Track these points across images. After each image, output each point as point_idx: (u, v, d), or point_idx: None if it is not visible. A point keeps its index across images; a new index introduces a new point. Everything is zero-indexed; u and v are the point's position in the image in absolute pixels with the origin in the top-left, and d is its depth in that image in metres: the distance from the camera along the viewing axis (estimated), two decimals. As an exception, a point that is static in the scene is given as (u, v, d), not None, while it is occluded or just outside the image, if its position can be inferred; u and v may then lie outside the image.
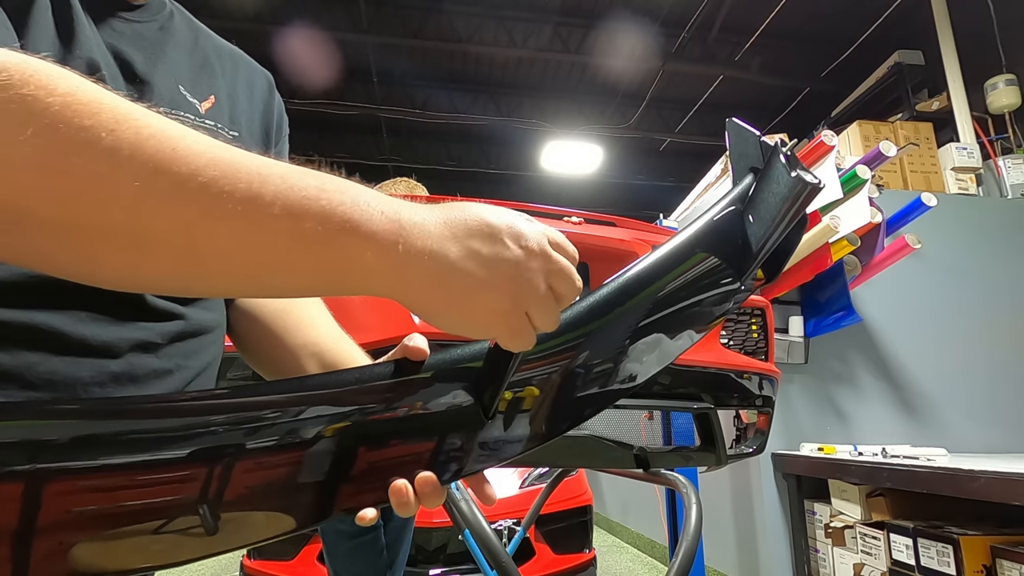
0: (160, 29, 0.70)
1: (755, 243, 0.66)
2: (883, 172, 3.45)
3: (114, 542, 0.44)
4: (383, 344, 1.36)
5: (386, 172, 7.12)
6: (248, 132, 0.75)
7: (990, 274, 3.29)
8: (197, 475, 0.46)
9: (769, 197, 0.64)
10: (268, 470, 0.49)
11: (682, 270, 0.65)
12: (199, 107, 0.69)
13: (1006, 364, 3.19)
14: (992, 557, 1.96)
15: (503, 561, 1.49)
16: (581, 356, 0.61)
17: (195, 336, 0.67)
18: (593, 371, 0.63)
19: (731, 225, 0.67)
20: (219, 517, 0.47)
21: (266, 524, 0.50)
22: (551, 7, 5.27)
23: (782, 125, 6.07)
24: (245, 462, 0.48)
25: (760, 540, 2.97)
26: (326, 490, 0.51)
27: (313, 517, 0.52)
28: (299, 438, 0.50)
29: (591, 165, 7.22)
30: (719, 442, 1.55)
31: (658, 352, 0.66)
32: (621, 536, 5.22)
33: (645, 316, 0.64)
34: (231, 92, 0.75)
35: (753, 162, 0.70)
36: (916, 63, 4.62)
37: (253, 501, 0.49)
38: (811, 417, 2.99)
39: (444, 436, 0.56)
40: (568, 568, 2.80)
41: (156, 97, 0.65)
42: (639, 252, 1.62)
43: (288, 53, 5.41)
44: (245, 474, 0.48)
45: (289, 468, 0.50)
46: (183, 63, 0.70)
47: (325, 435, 0.51)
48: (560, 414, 0.63)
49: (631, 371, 0.65)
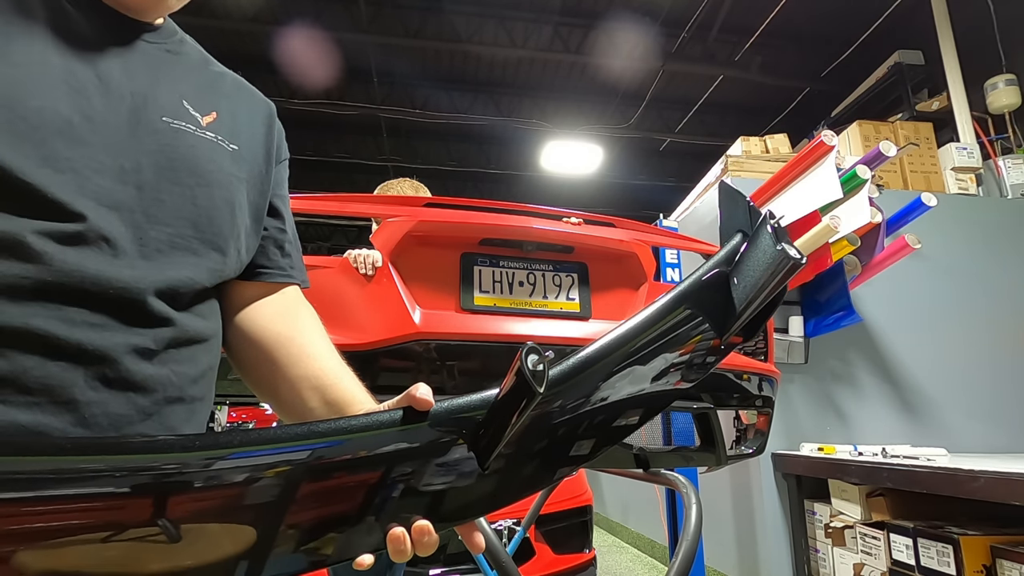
0: (169, 52, 0.73)
1: (738, 304, 0.70)
2: (883, 172, 3.45)
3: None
4: (382, 344, 1.36)
5: (386, 172, 7.12)
6: (248, 149, 0.76)
7: (990, 274, 3.29)
8: (206, 526, 0.48)
9: (754, 264, 0.68)
10: (270, 517, 0.50)
11: (666, 322, 0.68)
12: (200, 120, 0.71)
13: (1006, 364, 3.19)
14: (992, 557, 1.96)
15: (503, 561, 1.49)
16: (575, 407, 0.62)
17: (188, 344, 0.67)
18: (585, 421, 0.64)
19: (716, 285, 0.71)
20: (235, 567, 0.49)
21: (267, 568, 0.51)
22: (551, 7, 5.27)
23: (782, 125, 6.07)
24: (246, 510, 0.50)
25: (760, 540, 2.97)
26: (324, 535, 0.53)
27: (311, 565, 0.53)
28: (305, 484, 0.51)
29: (591, 165, 7.21)
30: (719, 442, 1.56)
31: (648, 399, 0.69)
32: (621, 536, 5.22)
33: (633, 365, 0.66)
34: (233, 111, 0.77)
35: (741, 224, 0.75)
36: (916, 63, 4.62)
37: (255, 546, 0.50)
38: (811, 417, 2.99)
39: (442, 485, 0.57)
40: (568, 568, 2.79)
41: (158, 108, 0.67)
42: (638, 252, 1.62)
43: (288, 53, 5.41)
44: (244, 521, 0.50)
45: (292, 514, 0.51)
46: (188, 81, 0.73)
47: (329, 482, 0.52)
48: (553, 464, 0.64)
49: (623, 419, 0.67)
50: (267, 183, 0.79)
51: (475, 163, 7.43)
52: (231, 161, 0.73)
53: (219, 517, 0.49)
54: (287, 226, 0.84)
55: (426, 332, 1.37)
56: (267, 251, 0.81)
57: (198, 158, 0.69)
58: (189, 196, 0.67)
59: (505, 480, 0.60)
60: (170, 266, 0.64)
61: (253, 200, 0.76)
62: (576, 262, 1.57)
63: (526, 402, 0.52)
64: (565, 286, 1.54)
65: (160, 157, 0.65)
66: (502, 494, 0.61)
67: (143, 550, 0.46)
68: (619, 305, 1.58)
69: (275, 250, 0.81)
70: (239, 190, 0.73)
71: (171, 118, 0.68)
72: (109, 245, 0.59)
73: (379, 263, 1.40)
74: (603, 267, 1.59)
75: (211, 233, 0.69)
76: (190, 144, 0.68)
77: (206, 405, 0.71)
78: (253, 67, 5.38)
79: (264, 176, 0.79)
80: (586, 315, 1.53)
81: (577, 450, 0.65)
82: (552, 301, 1.52)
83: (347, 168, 7.42)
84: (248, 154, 0.76)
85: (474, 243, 1.50)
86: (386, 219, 1.48)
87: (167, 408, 0.64)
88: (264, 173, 0.79)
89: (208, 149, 0.70)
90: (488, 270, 1.49)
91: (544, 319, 1.49)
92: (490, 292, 1.48)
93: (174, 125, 0.68)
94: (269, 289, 0.81)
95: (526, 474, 0.62)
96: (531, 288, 1.51)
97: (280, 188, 0.84)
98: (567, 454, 0.65)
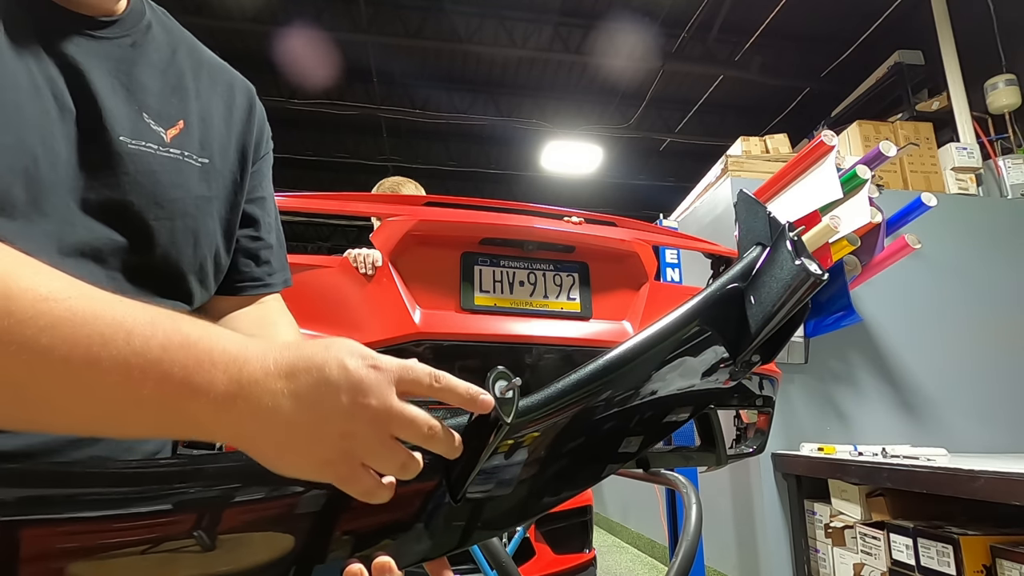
0: (132, 46, 0.66)
1: (754, 325, 0.65)
2: (883, 172, 3.45)
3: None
4: (382, 344, 1.36)
5: (386, 172, 7.11)
6: (221, 157, 0.71)
7: (990, 274, 3.29)
8: (164, 546, 0.46)
9: (772, 282, 0.63)
10: (227, 552, 0.47)
11: (676, 339, 0.63)
12: (164, 136, 0.65)
13: (1006, 364, 3.19)
14: (992, 557, 1.96)
15: (503, 561, 1.49)
16: (566, 431, 0.57)
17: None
18: (579, 447, 0.59)
19: (731, 302, 0.66)
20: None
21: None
22: (551, 7, 5.27)
23: (782, 125, 6.07)
24: (201, 546, 0.47)
25: (760, 540, 2.97)
26: (280, 571, 0.48)
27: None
28: (250, 512, 0.48)
29: (591, 165, 7.22)
30: (719, 442, 1.55)
31: (652, 423, 0.64)
32: (621, 536, 5.22)
33: (634, 386, 0.61)
34: (204, 114, 0.71)
35: (760, 237, 0.69)
36: (916, 63, 4.62)
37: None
38: (811, 417, 2.99)
39: (407, 517, 0.52)
40: (568, 568, 2.79)
41: (117, 126, 0.61)
42: (639, 252, 1.62)
43: (288, 53, 5.41)
44: (200, 551, 0.47)
45: (245, 549, 0.48)
46: (152, 86, 0.66)
47: (279, 514, 0.49)
48: (538, 496, 0.59)
49: (620, 446, 0.62)
50: (241, 192, 0.74)
51: (475, 163, 7.44)
52: (199, 179, 0.67)
53: (163, 556, 0.46)
54: (262, 232, 0.79)
55: (426, 332, 1.37)
56: (238, 263, 0.77)
57: (159, 184, 0.63)
58: (145, 234, 0.62)
59: (480, 514, 0.55)
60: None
61: (224, 216, 0.72)
62: (577, 262, 1.57)
63: (495, 432, 0.48)
64: (566, 286, 1.54)
65: (114, 190, 0.60)
66: (476, 530, 0.55)
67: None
68: (620, 305, 1.58)
69: (247, 261, 0.78)
70: (207, 213, 0.68)
71: (129, 138, 0.61)
72: None
73: (379, 263, 1.40)
74: (604, 267, 1.59)
75: (166, 273, 0.65)
76: (150, 169, 0.62)
77: None
78: (253, 67, 5.38)
79: (238, 185, 0.74)
80: (587, 315, 1.53)
81: (565, 480, 0.59)
82: (553, 301, 1.52)
83: (347, 168, 7.42)
84: (221, 163, 0.71)
85: (474, 243, 1.50)
86: (386, 218, 1.48)
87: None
88: (238, 181, 0.74)
89: (172, 172, 0.64)
90: (488, 270, 1.49)
91: (545, 319, 1.49)
92: (490, 292, 1.48)
93: (132, 147, 0.61)
94: (243, 301, 0.78)
95: (504, 507, 0.56)
96: (532, 288, 1.51)
97: (258, 190, 0.79)
98: (554, 484, 0.59)
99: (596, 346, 1.52)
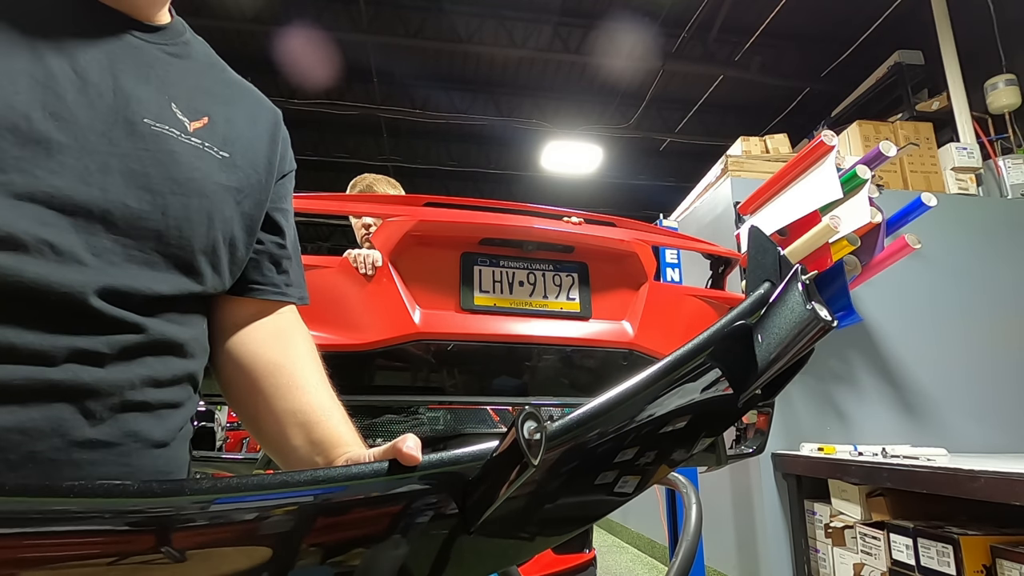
0: (169, 54, 0.70)
1: (760, 363, 0.64)
2: (883, 172, 3.45)
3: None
4: (382, 344, 1.36)
5: (386, 172, 7.07)
6: (243, 157, 0.73)
7: (990, 274, 3.29)
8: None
9: (781, 322, 0.63)
10: (238, 568, 0.47)
11: (681, 372, 0.63)
12: (187, 125, 0.67)
13: (1006, 364, 3.19)
14: (992, 557, 1.96)
15: (503, 561, 1.49)
16: (579, 463, 0.57)
17: (158, 352, 0.64)
18: (592, 479, 0.59)
19: (738, 339, 0.66)
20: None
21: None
22: (551, 7, 5.27)
23: (782, 125, 6.07)
24: (206, 562, 0.46)
25: (760, 540, 2.96)
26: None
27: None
28: (278, 537, 0.48)
29: (591, 165, 7.21)
30: (719, 442, 1.55)
31: (659, 456, 0.64)
32: (621, 536, 5.22)
33: (642, 417, 0.61)
34: (229, 117, 0.73)
35: (769, 274, 0.70)
36: (916, 63, 4.62)
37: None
38: (811, 417, 2.99)
39: (422, 546, 0.53)
40: (568, 568, 2.79)
41: (143, 109, 0.64)
42: (639, 252, 1.62)
43: (288, 53, 5.41)
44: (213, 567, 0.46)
45: (257, 566, 0.47)
46: (183, 85, 0.70)
47: (306, 537, 0.49)
48: (552, 526, 0.59)
49: (630, 478, 0.62)
50: (265, 194, 0.75)
51: (475, 163, 7.44)
52: (219, 169, 0.69)
53: (180, 567, 0.45)
54: (287, 242, 0.80)
55: (426, 332, 1.37)
56: (261, 266, 0.77)
57: (177, 164, 0.65)
58: (159, 205, 0.63)
59: (493, 543, 0.56)
60: (123, 275, 0.60)
61: (247, 211, 0.72)
62: (576, 262, 1.57)
63: (518, 471, 0.49)
64: (565, 286, 1.54)
65: (133, 161, 0.61)
66: (488, 559, 0.56)
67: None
68: (619, 305, 1.58)
69: (270, 266, 0.78)
70: (224, 200, 0.69)
71: (154, 120, 0.64)
72: (53, 251, 0.55)
73: (379, 263, 1.40)
74: (603, 267, 1.59)
75: (177, 247, 0.65)
76: (170, 150, 0.65)
77: (183, 412, 0.68)
78: (253, 67, 5.38)
79: (263, 186, 0.75)
80: (586, 315, 1.53)
81: (577, 513, 0.60)
82: (552, 301, 1.52)
83: (347, 168, 7.41)
84: (243, 162, 0.72)
85: (474, 243, 1.50)
86: (386, 219, 1.48)
87: (126, 415, 0.61)
88: (263, 183, 0.75)
89: (192, 156, 0.66)
90: (488, 270, 1.49)
91: (544, 319, 1.49)
92: (490, 292, 1.48)
93: (156, 128, 0.64)
94: (261, 308, 0.77)
95: (518, 536, 0.57)
96: (531, 288, 1.51)
97: (282, 202, 0.80)
98: (567, 516, 0.60)
99: (596, 346, 1.53)
